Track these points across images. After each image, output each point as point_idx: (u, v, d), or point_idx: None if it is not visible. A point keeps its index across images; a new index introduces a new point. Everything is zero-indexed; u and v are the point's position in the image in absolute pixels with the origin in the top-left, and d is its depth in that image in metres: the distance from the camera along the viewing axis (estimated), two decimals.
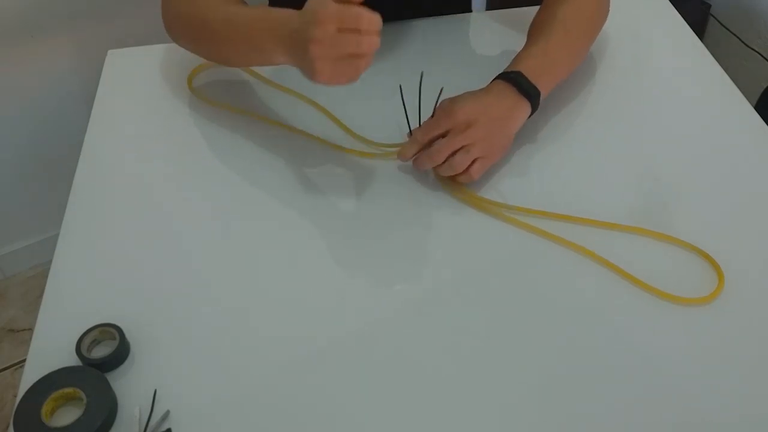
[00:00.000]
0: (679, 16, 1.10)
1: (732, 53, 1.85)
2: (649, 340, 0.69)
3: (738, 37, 1.83)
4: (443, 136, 0.81)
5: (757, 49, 1.79)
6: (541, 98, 0.84)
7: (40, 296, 0.74)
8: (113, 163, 0.89)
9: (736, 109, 0.94)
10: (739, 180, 0.84)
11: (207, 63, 1.01)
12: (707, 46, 1.03)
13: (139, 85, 1.00)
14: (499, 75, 0.85)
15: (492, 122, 0.81)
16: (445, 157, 0.80)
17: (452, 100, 0.82)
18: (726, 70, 0.99)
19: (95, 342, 0.69)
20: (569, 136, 0.90)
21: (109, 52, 1.06)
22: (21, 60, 1.48)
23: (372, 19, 0.70)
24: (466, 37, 1.07)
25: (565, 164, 0.86)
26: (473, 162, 0.80)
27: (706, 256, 0.75)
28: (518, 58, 0.87)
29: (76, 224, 0.81)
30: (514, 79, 0.83)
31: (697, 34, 1.06)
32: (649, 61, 1.01)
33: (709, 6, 1.91)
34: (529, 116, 0.84)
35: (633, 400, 0.65)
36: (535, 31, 0.91)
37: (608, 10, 0.96)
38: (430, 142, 0.82)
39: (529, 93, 0.82)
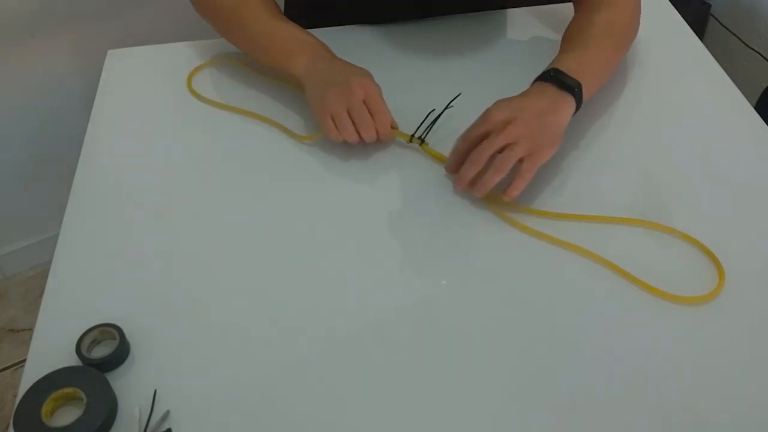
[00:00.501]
0: (679, 16, 1.10)
1: (732, 53, 1.85)
2: (648, 339, 0.69)
3: (738, 37, 1.83)
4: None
5: (757, 49, 1.79)
6: (583, 94, 0.82)
7: (40, 296, 0.73)
8: (113, 163, 0.89)
9: (736, 109, 0.94)
10: (739, 180, 0.84)
11: (207, 63, 1.01)
12: (707, 46, 1.03)
13: (139, 85, 1.00)
14: (537, 77, 0.84)
15: (533, 118, 0.77)
16: (486, 157, 0.77)
17: (490, 107, 0.80)
18: (726, 70, 0.99)
19: (95, 342, 0.69)
20: (568, 135, 0.90)
21: (109, 52, 1.06)
22: (21, 60, 1.48)
23: (387, 118, 0.83)
24: (484, 36, 1.07)
25: (563, 164, 0.86)
26: (520, 163, 0.76)
27: (707, 251, 0.75)
28: (554, 61, 0.85)
29: (76, 224, 0.81)
30: (552, 77, 0.81)
31: (697, 34, 1.06)
32: (649, 61, 1.01)
33: (709, 6, 1.91)
34: (576, 111, 0.82)
35: (632, 399, 0.64)
36: (570, 38, 0.90)
37: (639, 24, 0.94)
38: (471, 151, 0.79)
39: (570, 86, 0.80)
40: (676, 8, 1.11)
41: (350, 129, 0.83)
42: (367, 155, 0.88)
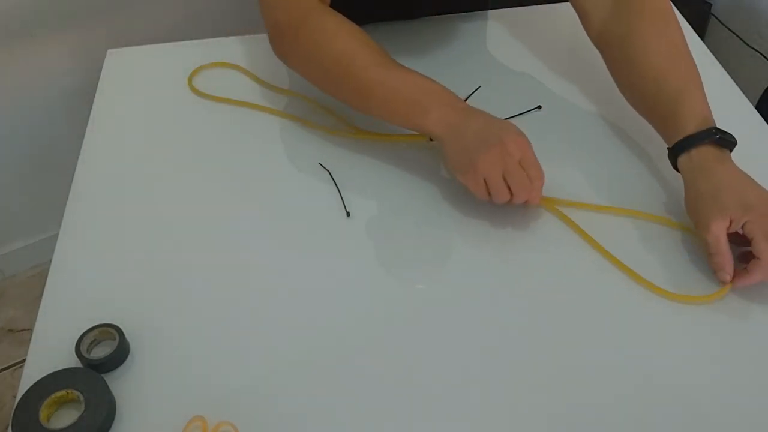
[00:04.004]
0: (680, 15, 1.09)
1: (733, 53, 1.85)
2: (651, 341, 0.69)
3: (739, 37, 1.83)
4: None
5: (757, 49, 1.79)
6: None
7: (40, 296, 0.73)
8: (113, 163, 0.89)
9: (736, 108, 0.94)
10: None
11: (208, 64, 1.01)
12: (708, 46, 1.03)
13: (139, 85, 1.00)
14: (697, 136, 0.77)
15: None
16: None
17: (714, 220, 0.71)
18: (727, 69, 0.99)
19: (95, 342, 0.69)
20: (571, 135, 0.90)
21: (109, 52, 1.06)
22: (21, 60, 1.48)
23: (542, 183, 0.75)
24: (470, 37, 1.07)
25: (565, 164, 0.86)
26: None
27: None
28: (687, 110, 0.79)
29: (76, 224, 0.81)
30: (722, 140, 0.76)
31: (697, 34, 1.05)
32: None
33: (710, 5, 1.91)
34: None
35: (635, 403, 0.64)
36: (659, 71, 0.82)
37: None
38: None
39: (732, 142, 0.77)
40: (676, 8, 1.11)
41: (504, 192, 0.74)
42: (378, 156, 0.88)
